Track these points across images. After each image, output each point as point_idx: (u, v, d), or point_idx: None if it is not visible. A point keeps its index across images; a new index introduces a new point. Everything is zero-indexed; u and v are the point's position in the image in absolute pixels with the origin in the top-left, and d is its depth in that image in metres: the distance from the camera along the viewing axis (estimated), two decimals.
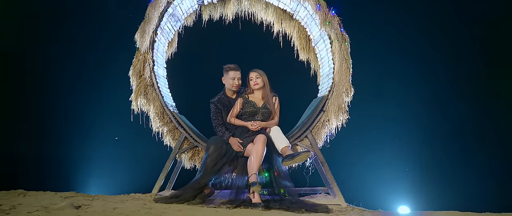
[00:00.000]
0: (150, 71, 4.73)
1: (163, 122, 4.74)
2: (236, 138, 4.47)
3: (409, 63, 5.64)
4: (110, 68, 5.47)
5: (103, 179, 5.39)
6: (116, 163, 5.49)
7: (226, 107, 4.68)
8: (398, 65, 5.66)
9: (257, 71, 4.61)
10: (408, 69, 5.62)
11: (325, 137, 4.78)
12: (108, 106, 5.49)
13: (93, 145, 5.57)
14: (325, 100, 4.75)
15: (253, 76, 4.61)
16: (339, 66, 4.67)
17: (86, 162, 5.48)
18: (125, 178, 5.38)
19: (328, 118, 4.68)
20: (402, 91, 5.63)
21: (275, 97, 4.70)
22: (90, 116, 5.60)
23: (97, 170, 5.45)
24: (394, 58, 5.67)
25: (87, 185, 5.41)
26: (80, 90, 5.66)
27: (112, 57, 5.51)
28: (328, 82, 4.91)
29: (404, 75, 5.63)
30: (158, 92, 4.74)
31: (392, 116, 5.63)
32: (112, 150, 5.52)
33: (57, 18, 5.71)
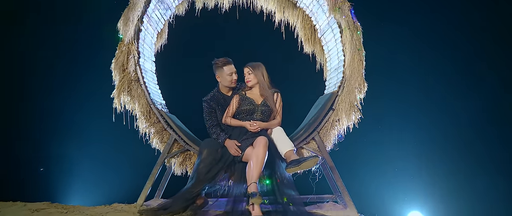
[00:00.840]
0: (134, 64, 4.10)
1: (150, 123, 4.12)
2: (233, 140, 3.88)
3: (426, 58, 4.98)
4: (92, 61, 4.81)
5: (83, 187, 4.77)
6: (98, 169, 4.92)
7: (220, 105, 4.09)
8: (416, 59, 5.02)
9: (248, 65, 3.98)
10: (427, 65, 4.97)
11: (334, 139, 4.11)
12: (89, 104, 4.91)
13: (72, 148, 4.99)
14: (334, 97, 4.12)
15: (245, 72, 4.03)
16: (350, 58, 4.04)
17: (63, 167, 4.84)
18: (108, 185, 4.81)
19: (338, 118, 4.05)
20: (419, 89, 5.03)
21: (277, 94, 4.11)
22: (68, 115, 5.02)
23: (76, 177, 4.83)
24: (410, 52, 5.04)
25: (64, 194, 4.79)
26: (57, 86, 5.08)
27: (94, 48, 4.87)
28: (338, 77, 4.28)
29: (422, 72, 4.99)
30: (144, 88, 4.11)
31: (406, 116, 5.09)
32: (93, 153, 4.96)
33: (27, 3, 5.02)
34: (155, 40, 4.72)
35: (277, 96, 4.10)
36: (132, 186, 4.22)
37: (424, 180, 4.88)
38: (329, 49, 4.62)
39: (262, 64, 4.08)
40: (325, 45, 4.69)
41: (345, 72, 4.14)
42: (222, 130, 4.01)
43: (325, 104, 4.21)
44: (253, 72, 4.00)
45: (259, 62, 4.08)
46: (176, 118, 4.53)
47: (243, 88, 4.17)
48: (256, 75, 4.00)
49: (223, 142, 3.90)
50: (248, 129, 3.94)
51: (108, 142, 4.89)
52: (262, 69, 4.04)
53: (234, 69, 4.08)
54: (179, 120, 4.53)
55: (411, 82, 5.07)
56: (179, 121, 4.49)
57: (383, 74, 4.65)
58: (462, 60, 5.03)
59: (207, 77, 4.24)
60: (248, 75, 4.04)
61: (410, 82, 5.07)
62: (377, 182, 4.91)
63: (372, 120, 4.27)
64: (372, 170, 5.07)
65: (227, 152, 3.88)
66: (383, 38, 4.91)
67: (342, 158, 4.25)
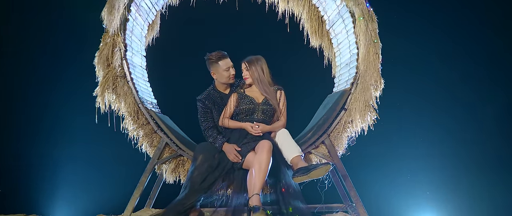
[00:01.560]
0: (120, 58, 3.60)
1: (138, 124, 3.62)
2: (232, 144, 3.41)
3: (446, 52, 4.46)
4: (74, 55, 4.32)
5: (66, 195, 4.27)
6: (83, 175, 4.43)
7: (217, 105, 3.61)
8: (436, 55, 4.55)
9: (245, 61, 3.51)
10: (448, 61, 4.44)
11: (346, 142, 3.59)
12: (72, 103, 4.43)
13: (53, 152, 4.50)
14: (346, 96, 3.61)
15: (242, 68, 3.59)
16: (365, 51, 3.55)
17: (44, 175, 4.33)
18: (93, 195, 4.34)
19: (351, 119, 3.53)
20: (439, 87, 4.57)
21: (280, 91, 3.62)
22: (50, 115, 4.54)
23: (58, 184, 4.31)
24: (428, 44, 4.62)
25: (43, 204, 4.29)
26: (36, 82, 4.58)
27: (76, 41, 4.40)
28: (350, 73, 3.78)
29: (443, 69, 4.47)
30: (132, 85, 3.60)
31: (422, 118, 4.61)
32: (76, 158, 4.46)
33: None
34: (145, 33, 4.21)
35: (280, 94, 3.60)
36: (122, 194, 3.75)
37: (445, 187, 4.33)
38: (338, 42, 4.10)
39: (261, 57, 3.58)
40: (334, 38, 4.18)
41: (359, 67, 3.63)
42: (219, 133, 3.51)
43: (336, 103, 3.70)
44: (250, 68, 3.47)
45: (259, 55, 3.56)
46: (169, 119, 4.01)
47: (242, 85, 3.64)
48: (255, 71, 3.49)
49: (220, 147, 3.40)
50: (249, 131, 3.42)
51: (94, 146, 4.41)
52: (262, 63, 3.54)
53: (230, 63, 3.58)
54: (172, 122, 4.04)
55: (429, 78, 4.52)
56: (172, 123, 3.97)
57: (396, 70, 4.07)
58: (487, 55, 4.49)
59: (205, 73, 3.75)
60: (245, 71, 3.55)
61: (429, 78, 4.52)
62: (388, 188, 4.38)
63: (386, 120, 3.70)
64: (383, 175, 4.55)
65: (225, 158, 3.40)
66: (398, 30, 4.37)
67: (349, 163, 3.73)
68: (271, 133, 3.56)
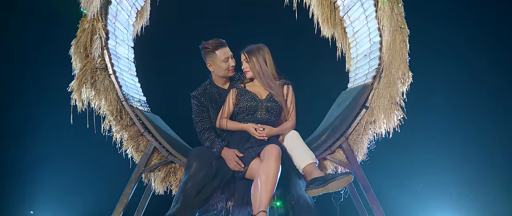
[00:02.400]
0: (101, 48, 2.99)
1: (122, 125, 3.05)
2: (233, 149, 2.86)
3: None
4: (47, 44, 3.77)
5: (36, 208, 3.61)
6: (58, 185, 3.87)
7: (214, 102, 3.07)
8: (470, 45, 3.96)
9: (244, 51, 2.99)
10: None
11: (367, 147, 3.02)
12: (46, 99, 3.90)
13: (26, 157, 3.92)
14: (368, 92, 3.02)
15: (242, 59, 3.03)
16: (390, 39, 2.98)
17: (15, 186, 3.69)
18: (70, 208, 3.78)
19: (374, 119, 2.94)
20: (470, 76, 4.02)
21: (287, 86, 3.06)
22: (20, 113, 3.96)
23: (28, 197, 3.68)
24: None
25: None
26: (3, 74, 3.97)
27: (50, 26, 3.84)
28: (370, 65, 3.28)
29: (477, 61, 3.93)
30: (114, 79, 3.04)
31: (448, 112, 4.05)
32: (52, 165, 3.89)
33: None
34: (133, 20, 3.64)
35: (288, 89, 3.06)
36: (107, 207, 3.24)
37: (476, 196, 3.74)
38: (355, 31, 3.54)
39: (264, 46, 3.03)
40: (349, 26, 3.65)
41: (382, 57, 3.03)
42: (217, 136, 2.98)
43: (355, 100, 3.13)
44: (250, 59, 2.94)
45: (260, 44, 3.03)
46: (159, 119, 3.45)
47: (243, 79, 3.11)
48: (256, 62, 2.96)
49: (219, 152, 2.87)
50: (252, 134, 2.88)
51: (71, 148, 3.89)
52: (264, 53, 2.99)
53: (229, 52, 3.05)
54: (164, 123, 3.52)
55: (459, 66, 4.00)
56: (163, 124, 3.44)
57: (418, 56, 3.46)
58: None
59: (202, 67, 3.23)
60: (245, 63, 3.02)
61: (458, 67, 3.99)
62: (412, 199, 3.80)
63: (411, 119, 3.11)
64: (404, 182, 4.02)
65: (225, 165, 2.85)
66: (421, 12, 3.79)
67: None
68: (278, 136, 2.95)
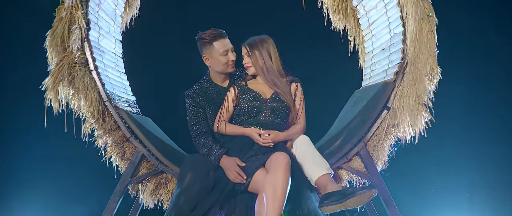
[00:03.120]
0: (81, 40, 2.54)
1: (105, 129, 2.60)
2: (234, 158, 2.43)
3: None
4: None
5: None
6: (34, 197, 3.37)
7: (212, 102, 2.64)
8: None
9: (246, 44, 2.59)
10: None
11: (388, 153, 2.58)
12: (18, 98, 3.42)
13: None
14: (390, 90, 2.57)
15: (243, 53, 2.61)
16: (416, 28, 2.53)
17: None
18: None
19: (398, 121, 2.49)
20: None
21: (295, 84, 2.63)
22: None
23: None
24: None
25: None
26: None
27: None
28: (391, 60, 2.89)
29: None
30: (96, 75, 2.58)
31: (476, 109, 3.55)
32: (28, 172, 3.40)
33: None
34: (121, 11, 3.20)
35: (296, 88, 2.63)
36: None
37: None
38: (371, 22, 3.14)
39: (268, 38, 2.60)
40: (363, 16, 3.23)
41: (407, 50, 2.57)
42: (215, 141, 2.55)
43: (374, 100, 2.70)
44: (253, 53, 2.54)
45: (264, 35, 2.61)
46: (150, 122, 3.04)
47: (245, 75, 2.69)
48: (259, 56, 2.54)
49: (217, 161, 2.44)
50: (256, 140, 2.46)
51: (51, 157, 3.42)
52: (269, 47, 2.56)
53: (229, 45, 2.62)
54: (155, 126, 3.09)
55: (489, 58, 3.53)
56: (155, 127, 3.03)
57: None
58: None
59: (200, 63, 2.80)
60: (246, 57, 2.59)
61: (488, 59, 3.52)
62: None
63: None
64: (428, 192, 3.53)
65: (224, 176, 2.43)
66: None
67: None
68: (286, 142, 2.51)
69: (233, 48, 2.61)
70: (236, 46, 2.65)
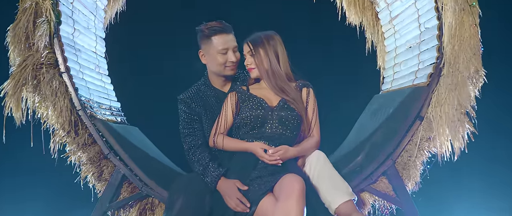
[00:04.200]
0: (49, 36, 2.08)
1: (78, 143, 2.10)
2: (233, 180, 1.96)
3: None
4: None
5: None
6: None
7: (210, 109, 2.17)
8: None
9: (249, 41, 2.13)
10: None
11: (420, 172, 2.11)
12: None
13: None
14: (425, 97, 2.12)
15: (245, 52, 2.14)
16: (455, 22, 2.04)
17: None
18: None
19: (434, 134, 2.00)
20: None
21: (307, 89, 2.17)
22: None
23: None
24: None
25: None
26: None
27: None
28: (421, 60, 2.44)
29: None
30: (67, 79, 2.07)
31: None
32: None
33: None
34: (105, 4, 2.71)
35: (308, 94, 2.16)
36: None
37: None
38: (393, 16, 2.71)
39: (275, 35, 2.13)
40: (383, 10, 2.82)
41: (444, 48, 2.09)
42: (212, 158, 2.06)
43: (403, 108, 2.23)
44: (257, 52, 2.07)
45: (270, 31, 2.14)
46: (137, 133, 2.61)
47: (247, 79, 2.23)
48: (264, 56, 2.07)
49: (214, 184, 1.97)
50: (261, 158, 1.98)
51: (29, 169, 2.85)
52: (276, 45, 2.09)
53: (232, 43, 2.14)
54: (143, 137, 2.63)
55: None
56: (142, 140, 2.59)
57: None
58: None
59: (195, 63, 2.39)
60: (248, 57, 2.11)
61: None
62: None
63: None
64: None
65: (222, 203, 1.95)
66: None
67: None
68: (297, 159, 2.02)
69: (236, 48, 2.13)
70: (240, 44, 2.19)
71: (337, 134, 2.81)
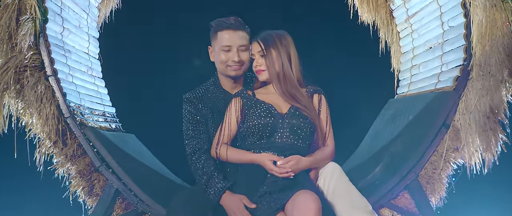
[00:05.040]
0: (34, 35, 1.86)
1: (66, 155, 1.87)
2: (240, 196, 1.73)
3: None
4: None
5: None
6: None
7: (218, 112, 1.95)
8: None
9: (259, 39, 1.89)
10: None
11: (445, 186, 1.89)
12: None
13: None
14: (452, 103, 1.91)
15: (253, 52, 1.90)
16: (488, 20, 1.82)
17: None
18: None
19: (463, 144, 1.77)
20: None
21: (318, 96, 1.93)
22: None
23: None
24: None
25: None
26: None
27: None
28: (444, 61, 2.21)
29: None
30: (54, 83, 1.86)
31: None
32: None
33: None
34: (99, 2, 2.52)
35: (320, 101, 1.92)
36: None
37: None
38: (411, 13, 2.50)
39: (287, 35, 1.90)
40: (400, 7, 2.64)
41: (473, 49, 1.87)
42: (217, 168, 1.83)
43: (426, 115, 2.03)
44: (269, 53, 1.84)
45: (282, 31, 1.90)
46: (133, 140, 2.44)
47: (254, 82, 2.00)
48: (276, 58, 1.84)
49: (217, 197, 1.75)
50: (270, 171, 1.74)
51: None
52: (289, 46, 1.87)
53: (239, 41, 1.91)
54: (140, 145, 2.43)
55: None
56: (138, 148, 2.41)
57: None
58: None
59: (205, 64, 2.19)
60: (258, 57, 1.87)
61: None
62: None
63: None
64: None
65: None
66: None
67: None
68: (310, 170, 1.80)
69: (244, 47, 1.90)
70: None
71: (349, 140, 2.61)
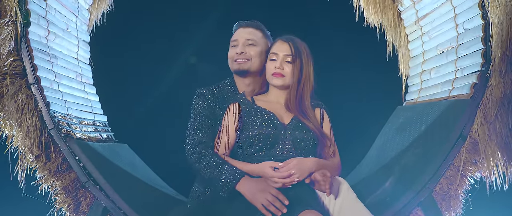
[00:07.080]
0: (16, 39, 1.68)
1: (50, 170, 1.69)
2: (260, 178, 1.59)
3: None
4: None
5: None
6: None
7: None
8: None
9: (289, 41, 1.73)
10: None
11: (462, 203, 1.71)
12: None
13: None
14: (469, 112, 1.74)
15: (275, 51, 1.74)
16: (509, 22, 1.72)
17: None
18: None
19: (482, 158, 1.61)
20: None
21: (321, 110, 1.79)
22: None
23: None
24: None
25: None
26: None
27: None
28: (459, 67, 2.00)
29: None
30: (37, 91, 1.69)
31: None
32: None
33: None
34: (89, 4, 2.32)
35: (322, 115, 1.78)
36: None
37: None
38: (420, 16, 2.36)
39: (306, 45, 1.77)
40: (409, 8, 2.50)
41: (493, 53, 1.71)
42: (222, 161, 1.62)
43: (441, 125, 1.87)
44: (296, 59, 1.69)
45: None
46: (126, 151, 2.29)
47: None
48: (306, 66, 1.71)
49: (235, 181, 1.54)
50: (270, 178, 1.56)
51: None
52: (312, 59, 1.74)
53: (246, 35, 1.79)
54: (133, 156, 2.27)
55: None
56: (131, 159, 2.26)
57: None
58: None
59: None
60: (283, 61, 1.71)
61: None
62: None
63: None
64: None
65: None
66: None
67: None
68: (313, 184, 1.64)
69: (252, 42, 1.75)
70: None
71: (353, 149, 2.44)
